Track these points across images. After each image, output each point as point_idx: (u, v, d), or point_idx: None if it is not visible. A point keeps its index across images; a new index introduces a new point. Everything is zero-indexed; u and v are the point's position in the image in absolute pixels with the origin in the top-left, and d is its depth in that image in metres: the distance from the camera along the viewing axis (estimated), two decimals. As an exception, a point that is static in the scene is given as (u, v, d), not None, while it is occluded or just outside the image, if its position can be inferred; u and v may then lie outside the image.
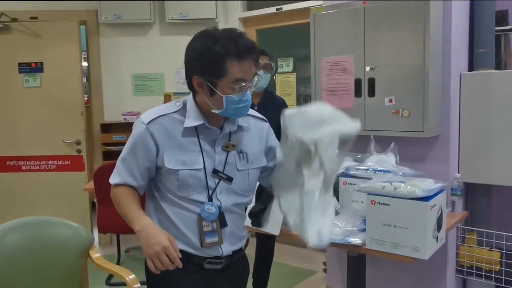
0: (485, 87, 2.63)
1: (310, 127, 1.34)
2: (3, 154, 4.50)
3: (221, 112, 1.43)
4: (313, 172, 1.39)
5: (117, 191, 1.52)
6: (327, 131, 1.34)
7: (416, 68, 2.49)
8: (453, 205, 2.52)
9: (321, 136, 1.33)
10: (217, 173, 1.47)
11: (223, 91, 1.39)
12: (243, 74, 1.38)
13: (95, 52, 4.73)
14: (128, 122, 4.51)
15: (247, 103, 1.43)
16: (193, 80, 1.44)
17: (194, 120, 1.46)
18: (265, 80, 2.98)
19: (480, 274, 2.66)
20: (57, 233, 2.22)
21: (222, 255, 1.52)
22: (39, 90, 4.44)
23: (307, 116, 1.36)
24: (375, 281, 2.89)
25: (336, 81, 2.80)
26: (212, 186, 1.48)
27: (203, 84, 1.43)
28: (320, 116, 1.36)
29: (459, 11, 2.67)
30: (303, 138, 1.33)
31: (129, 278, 2.08)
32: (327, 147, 1.34)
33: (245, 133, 1.55)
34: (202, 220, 1.47)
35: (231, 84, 1.38)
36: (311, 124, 1.34)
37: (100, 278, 3.54)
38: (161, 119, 1.46)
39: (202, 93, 1.45)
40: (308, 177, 1.39)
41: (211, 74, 1.39)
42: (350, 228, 2.11)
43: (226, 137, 1.51)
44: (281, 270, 3.72)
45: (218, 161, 1.48)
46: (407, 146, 2.61)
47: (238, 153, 1.52)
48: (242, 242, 1.61)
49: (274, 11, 4.45)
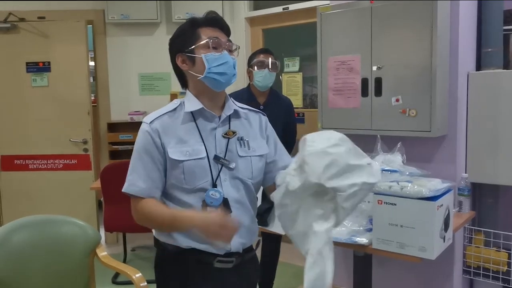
0: (492, 86, 2.61)
1: (333, 173, 1.28)
2: (11, 153, 4.53)
3: (206, 76, 1.48)
4: (325, 215, 1.34)
5: (143, 206, 1.48)
6: (351, 180, 1.28)
7: (423, 68, 2.48)
8: (460, 205, 2.51)
9: (343, 185, 1.27)
10: (218, 160, 1.49)
11: (201, 52, 1.49)
12: (215, 34, 1.51)
13: (102, 51, 4.75)
14: (135, 122, 4.53)
15: (227, 61, 1.49)
16: (177, 59, 1.53)
17: (193, 105, 1.52)
18: (271, 79, 2.97)
19: (487, 274, 2.65)
20: (64, 232, 2.23)
21: (231, 250, 1.50)
22: (47, 90, 4.47)
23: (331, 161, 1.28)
24: (381, 281, 2.89)
25: (342, 81, 2.79)
26: (215, 173, 1.48)
27: (184, 58, 1.52)
28: (345, 163, 1.29)
29: (466, 10, 2.66)
30: (325, 184, 1.27)
31: (136, 277, 2.09)
32: (347, 198, 1.28)
33: (245, 121, 1.59)
34: (207, 207, 1.46)
35: (206, 42, 1.49)
36: (335, 170, 1.28)
37: (107, 277, 3.56)
38: (162, 117, 1.51)
39: (187, 69, 1.52)
40: (318, 217, 1.35)
41: (188, 44, 1.50)
42: (357, 228, 2.11)
43: (225, 124, 1.54)
44: (287, 270, 3.71)
45: (219, 148, 1.50)
46: (414, 145, 2.60)
47: (239, 140, 1.54)
48: (252, 237, 1.59)
49: (281, 10, 4.44)
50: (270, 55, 3.00)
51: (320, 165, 1.28)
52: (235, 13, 4.70)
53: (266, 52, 3.03)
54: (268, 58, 2.95)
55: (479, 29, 2.77)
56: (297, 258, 4.20)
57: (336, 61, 2.81)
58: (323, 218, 1.34)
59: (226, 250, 1.50)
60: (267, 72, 2.93)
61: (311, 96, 4.49)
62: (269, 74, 2.94)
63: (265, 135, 1.64)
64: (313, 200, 1.35)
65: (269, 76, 2.94)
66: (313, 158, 1.29)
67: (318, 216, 1.34)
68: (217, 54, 1.49)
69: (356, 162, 1.30)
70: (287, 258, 3.40)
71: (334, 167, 1.27)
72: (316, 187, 1.30)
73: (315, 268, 1.32)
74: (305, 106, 4.43)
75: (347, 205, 1.29)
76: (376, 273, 2.44)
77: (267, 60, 2.94)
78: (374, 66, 2.65)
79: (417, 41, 2.49)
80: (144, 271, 2.14)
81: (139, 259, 4.19)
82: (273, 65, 2.96)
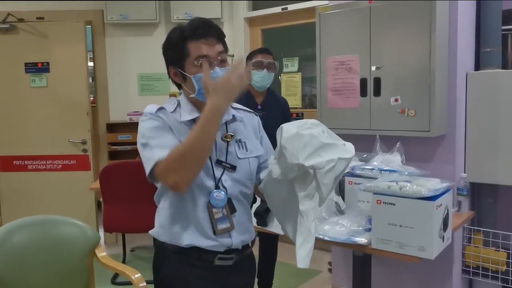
0: (491, 86, 2.62)
1: (310, 153, 1.35)
2: (10, 153, 4.53)
3: (197, 95, 1.46)
4: (308, 194, 1.41)
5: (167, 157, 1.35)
6: (327, 157, 1.36)
7: (422, 68, 2.48)
8: (459, 205, 2.51)
9: (321, 162, 1.34)
10: (221, 163, 1.50)
11: (190, 72, 1.46)
12: (204, 51, 1.44)
13: (101, 52, 4.75)
14: (134, 122, 4.52)
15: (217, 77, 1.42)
16: (170, 71, 1.52)
17: (190, 114, 1.50)
18: (269, 80, 2.95)
19: (486, 274, 2.65)
20: (63, 232, 2.23)
21: (232, 246, 1.52)
22: (45, 90, 4.46)
23: (306, 142, 1.36)
24: (380, 281, 2.89)
25: (341, 81, 2.79)
26: (218, 175, 1.50)
27: (176, 72, 1.50)
28: (320, 142, 1.37)
29: (465, 10, 2.66)
30: (304, 164, 1.34)
31: (135, 277, 2.08)
32: (326, 174, 1.35)
33: (240, 124, 1.59)
34: (212, 208, 1.48)
35: (195, 62, 1.44)
36: (311, 150, 1.35)
37: (106, 277, 3.55)
38: (164, 111, 1.50)
39: (179, 82, 1.52)
40: (302, 197, 1.42)
41: (178, 60, 1.47)
42: (356, 228, 2.11)
43: (223, 128, 1.54)
44: (286, 270, 3.71)
45: (219, 151, 1.51)
46: (413, 145, 2.60)
47: (237, 142, 1.56)
48: (251, 235, 1.61)
49: (280, 11, 4.45)
50: (269, 55, 2.96)
51: (297, 146, 1.35)
52: (234, 14, 4.70)
53: (265, 52, 2.99)
54: (267, 59, 2.93)
55: (478, 29, 2.77)
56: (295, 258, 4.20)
57: (335, 61, 2.81)
58: (308, 198, 1.41)
59: (227, 247, 1.50)
60: (266, 72, 2.90)
61: (310, 96, 4.49)
62: (268, 75, 2.92)
63: (259, 136, 1.66)
64: (296, 184, 1.41)
65: (267, 76, 2.92)
66: (289, 142, 1.36)
67: (303, 197, 1.41)
68: None
69: (331, 141, 1.39)
70: (286, 258, 3.40)
71: (310, 147, 1.35)
72: (297, 170, 1.37)
73: (305, 245, 1.40)
74: (304, 106, 4.44)
75: (327, 180, 1.36)
76: (376, 273, 2.44)
77: (266, 61, 2.92)
78: (373, 66, 2.65)
79: (416, 41, 2.49)
80: (143, 272, 2.14)
81: (138, 260, 4.19)
82: (272, 66, 2.94)
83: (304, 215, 1.40)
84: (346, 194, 2.35)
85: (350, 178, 2.33)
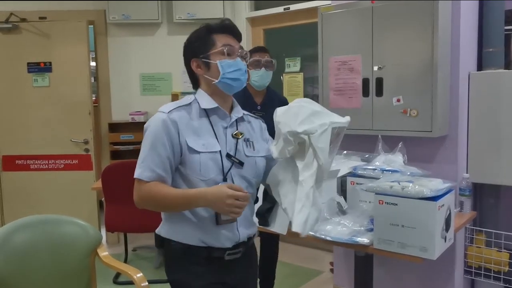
0: (493, 86, 2.61)
1: (302, 119, 1.43)
2: (12, 153, 4.54)
3: (221, 80, 1.57)
4: (307, 163, 1.46)
5: (150, 188, 1.52)
6: (319, 122, 1.43)
7: (424, 68, 2.48)
8: (461, 206, 2.51)
9: (313, 127, 1.40)
10: (230, 157, 1.57)
11: (216, 58, 1.57)
12: (229, 41, 1.59)
13: (103, 52, 4.75)
14: (136, 122, 4.53)
15: (240, 68, 1.58)
16: (192, 64, 1.62)
17: (208, 103, 1.60)
18: (268, 78, 2.92)
19: (488, 275, 2.65)
20: (65, 232, 2.23)
21: (239, 240, 1.61)
22: (48, 90, 4.47)
23: (298, 111, 1.45)
24: (382, 281, 2.88)
25: (343, 81, 2.79)
26: (226, 169, 1.57)
27: (199, 63, 1.60)
28: (311, 109, 1.44)
29: (467, 10, 2.66)
30: (296, 130, 1.40)
31: (137, 277, 2.09)
32: (320, 137, 1.41)
33: (248, 125, 1.71)
34: None
35: (221, 50, 1.57)
36: (303, 117, 1.43)
37: (108, 277, 3.56)
38: (179, 109, 1.57)
39: (201, 74, 1.61)
40: (302, 168, 1.47)
41: (203, 50, 1.58)
42: (358, 228, 2.10)
43: (234, 126, 1.64)
44: (287, 270, 3.71)
45: (229, 146, 1.59)
46: (415, 146, 2.60)
47: (245, 141, 1.65)
48: (254, 228, 1.73)
49: (282, 10, 4.45)
50: (266, 53, 2.93)
51: (289, 116, 1.44)
52: (236, 13, 4.70)
53: (261, 50, 2.96)
54: (264, 57, 2.89)
55: (481, 29, 2.76)
56: (297, 258, 4.21)
57: (337, 61, 2.81)
58: (307, 168, 1.46)
59: (235, 242, 1.60)
60: (264, 71, 2.87)
61: (312, 97, 4.48)
62: (266, 73, 2.89)
63: (265, 138, 1.76)
64: (296, 160, 1.48)
65: (266, 75, 2.89)
66: (282, 116, 1.46)
67: (302, 168, 1.47)
68: (231, 61, 1.58)
69: (322, 110, 1.47)
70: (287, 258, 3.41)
71: (301, 115, 1.43)
72: (292, 141, 1.44)
73: (303, 211, 1.45)
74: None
75: (321, 144, 1.41)
76: (377, 273, 2.44)
77: (263, 59, 2.89)
78: (375, 66, 2.65)
79: (418, 41, 2.49)
80: (145, 271, 2.14)
81: (140, 259, 4.19)
82: (269, 64, 2.91)
83: (303, 183, 1.45)
84: (348, 194, 2.35)
85: (352, 178, 2.33)
